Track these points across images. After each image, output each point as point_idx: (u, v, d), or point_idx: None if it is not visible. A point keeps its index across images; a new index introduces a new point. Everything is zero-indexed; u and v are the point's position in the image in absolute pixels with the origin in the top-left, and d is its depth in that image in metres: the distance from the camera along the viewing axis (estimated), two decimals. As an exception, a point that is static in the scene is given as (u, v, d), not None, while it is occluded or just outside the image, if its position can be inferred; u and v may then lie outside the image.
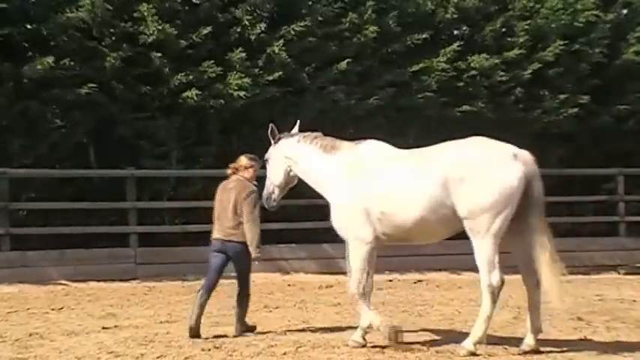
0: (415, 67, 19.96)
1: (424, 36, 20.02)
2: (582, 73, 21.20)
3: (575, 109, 20.88)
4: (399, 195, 9.72)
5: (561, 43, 20.68)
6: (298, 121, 11.37)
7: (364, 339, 10.02)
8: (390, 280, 18.00)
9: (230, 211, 11.28)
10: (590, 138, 21.92)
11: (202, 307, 11.05)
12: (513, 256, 9.78)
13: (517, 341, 10.10)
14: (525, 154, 9.62)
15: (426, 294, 15.76)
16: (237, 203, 11.29)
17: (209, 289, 11.28)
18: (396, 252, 17.79)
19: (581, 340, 10.58)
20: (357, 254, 10.08)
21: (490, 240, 9.34)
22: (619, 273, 20.07)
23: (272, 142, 11.32)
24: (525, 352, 9.57)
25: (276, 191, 11.22)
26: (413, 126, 20.23)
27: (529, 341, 9.65)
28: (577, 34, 21.12)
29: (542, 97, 21.05)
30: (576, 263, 20.17)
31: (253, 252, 11.02)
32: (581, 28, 21.12)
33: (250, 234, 11.05)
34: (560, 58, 20.88)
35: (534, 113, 20.88)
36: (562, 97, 20.84)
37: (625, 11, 21.99)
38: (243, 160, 11.73)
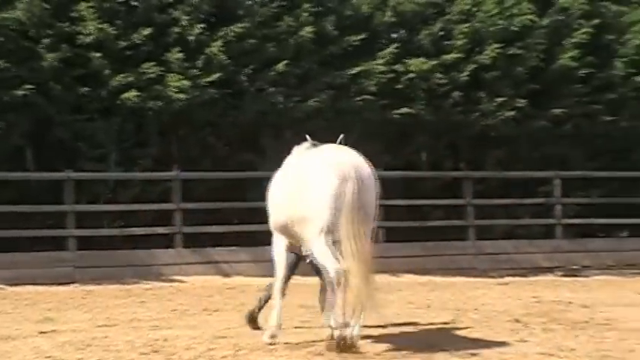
0: (354, 70, 20.03)
1: (362, 37, 20.08)
2: (519, 77, 21.39)
3: (513, 112, 21.06)
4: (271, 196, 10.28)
5: (498, 46, 20.87)
6: (342, 135, 11.22)
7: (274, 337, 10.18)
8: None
9: None
10: (527, 141, 22.14)
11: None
12: None
13: (457, 340, 10.19)
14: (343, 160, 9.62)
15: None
16: None
17: None
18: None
19: (517, 341, 10.66)
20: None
21: (317, 243, 9.44)
22: (556, 275, 20.31)
23: None
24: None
25: None
26: (352, 129, 20.25)
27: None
28: (513, 38, 21.32)
29: (479, 99, 21.20)
30: (514, 265, 20.51)
31: None
32: (518, 32, 21.33)
33: None
34: (497, 62, 21.06)
35: (472, 116, 21.02)
36: (499, 100, 21.00)
37: (562, 17, 22.18)
38: None
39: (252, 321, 11.44)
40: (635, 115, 22.48)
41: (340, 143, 10.77)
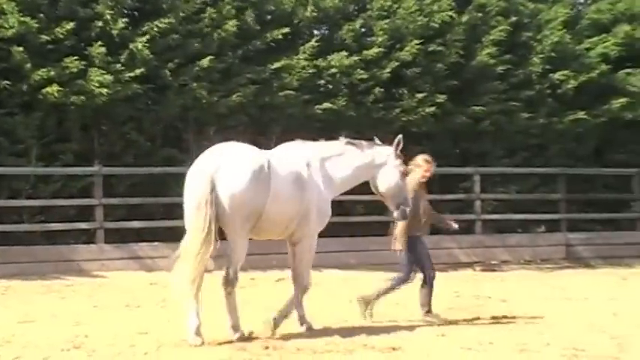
0: (276, 65, 20.07)
1: (284, 31, 20.12)
2: (439, 74, 21.60)
3: (433, 109, 21.25)
4: None
5: (418, 43, 21.06)
6: (400, 135, 11.70)
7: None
8: (253, 279, 18.02)
9: None
10: (447, 137, 22.38)
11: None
12: None
13: (379, 335, 10.32)
14: (207, 160, 10.25)
15: (288, 292, 15.80)
16: None
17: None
18: (258, 250, 17.85)
19: (438, 336, 10.83)
20: None
21: None
22: (475, 270, 20.57)
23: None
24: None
25: None
26: (275, 124, 20.36)
27: None
28: (433, 34, 21.53)
29: (401, 96, 21.37)
30: (434, 260, 20.61)
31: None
32: (437, 28, 21.54)
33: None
34: (417, 58, 21.25)
35: (394, 112, 21.17)
36: (420, 96, 21.18)
37: (480, 14, 22.45)
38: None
39: (366, 303, 12.17)
40: (551, 112, 22.86)
41: (398, 144, 11.53)
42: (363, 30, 21.40)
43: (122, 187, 19.33)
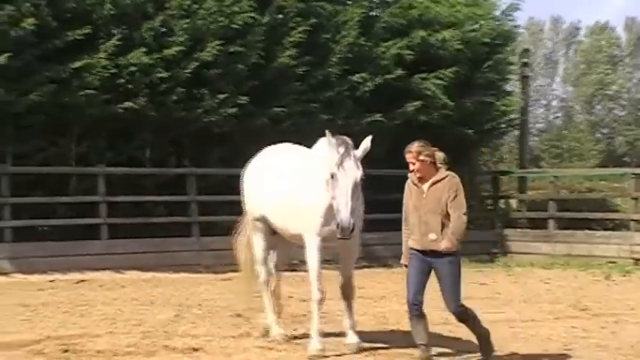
0: (76, 64, 19.73)
1: (84, 32, 19.80)
2: (240, 75, 21.67)
3: (234, 110, 21.36)
4: None
5: (219, 43, 21.09)
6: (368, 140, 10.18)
7: None
8: (52, 281, 17.73)
9: None
10: (249, 138, 22.48)
11: None
12: None
13: (181, 336, 10.38)
14: None
15: (88, 294, 15.69)
16: None
17: None
18: (59, 252, 17.69)
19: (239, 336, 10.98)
20: None
21: None
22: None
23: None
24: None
25: None
26: (75, 124, 20.09)
27: None
28: (234, 35, 21.55)
29: (202, 96, 21.37)
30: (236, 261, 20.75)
31: None
32: (238, 30, 21.58)
33: None
34: (218, 59, 21.28)
35: (195, 112, 21.16)
36: (221, 97, 21.22)
37: (280, 16, 22.69)
38: None
39: None
40: (350, 113, 23.23)
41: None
42: (163, 29, 21.25)
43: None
